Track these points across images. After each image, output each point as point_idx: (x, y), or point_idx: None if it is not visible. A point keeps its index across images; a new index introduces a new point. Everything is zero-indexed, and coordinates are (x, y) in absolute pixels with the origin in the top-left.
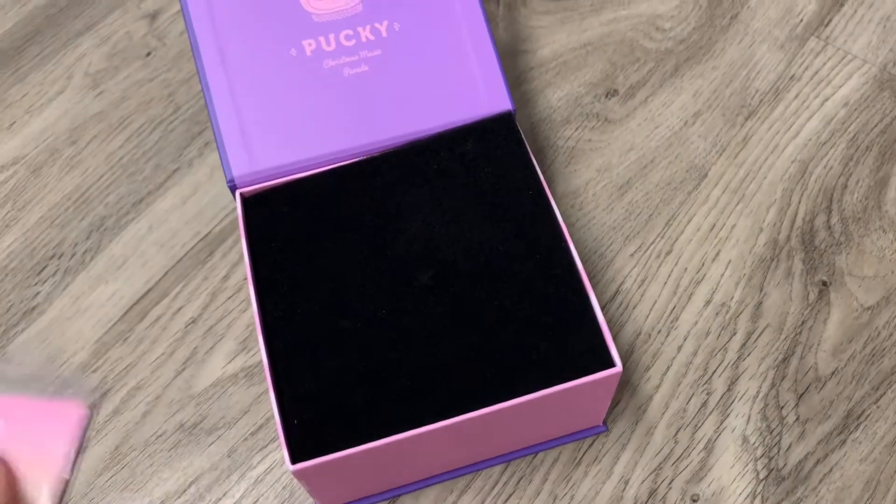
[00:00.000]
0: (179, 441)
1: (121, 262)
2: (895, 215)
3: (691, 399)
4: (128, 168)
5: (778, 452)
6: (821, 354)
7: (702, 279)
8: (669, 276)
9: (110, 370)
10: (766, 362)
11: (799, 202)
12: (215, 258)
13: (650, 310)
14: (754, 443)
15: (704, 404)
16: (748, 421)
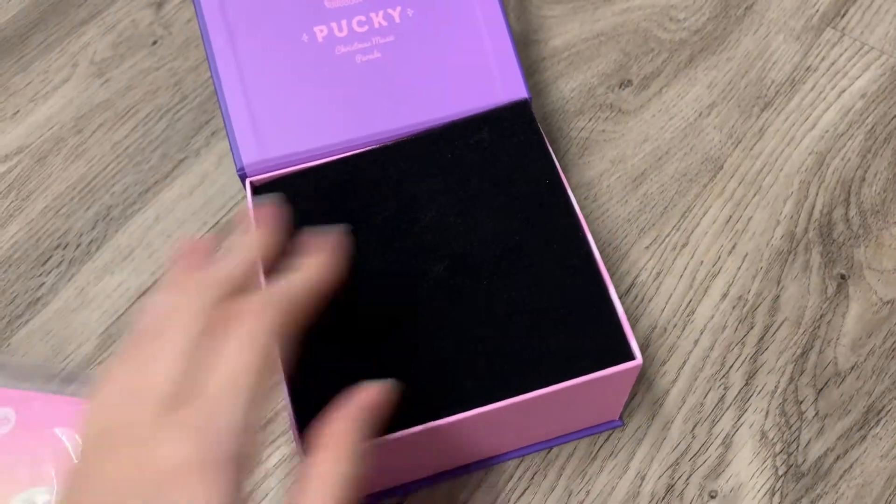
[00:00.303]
0: None
1: (127, 253)
2: None
3: (708, 394)
4: (134, 157)
5: (797, 448)
6: (840, 349)
7: (718, 272)
8: (685, 269)
9: None
10: (785, 357)
11: (816, 194)
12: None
13: (666, 303)
14: (773, 438)
15: (722, 399)
16: (766, 416)
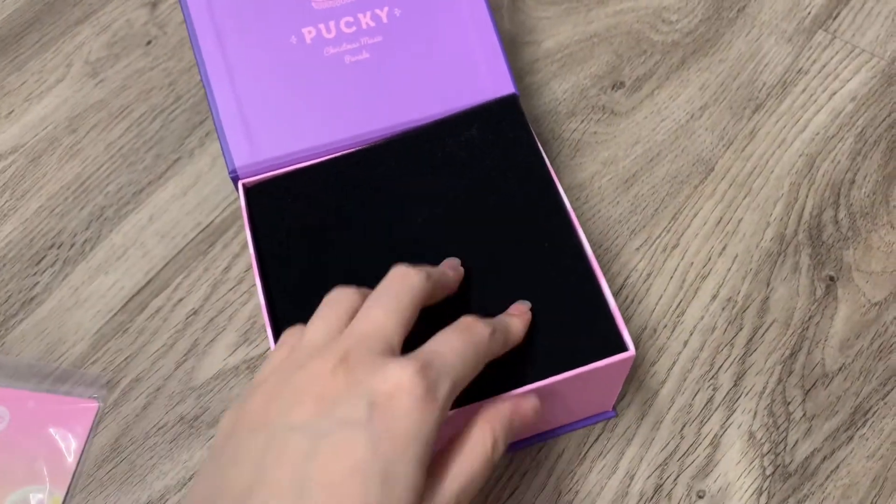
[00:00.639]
0: (180, 434)
1: (121, 253)
2: None
3: (697, 394)
4: (128, 157)
5: (784, 448)
6: (828, 350)
7: (708, 273)
8: (676, 271)
9: (110, 362)
10: (773, 358)
11: (806, 197)
12: (216, 249)
13: (656, 304)
14: (761, 439)
15: (711, 399)
16: (755, 417)
